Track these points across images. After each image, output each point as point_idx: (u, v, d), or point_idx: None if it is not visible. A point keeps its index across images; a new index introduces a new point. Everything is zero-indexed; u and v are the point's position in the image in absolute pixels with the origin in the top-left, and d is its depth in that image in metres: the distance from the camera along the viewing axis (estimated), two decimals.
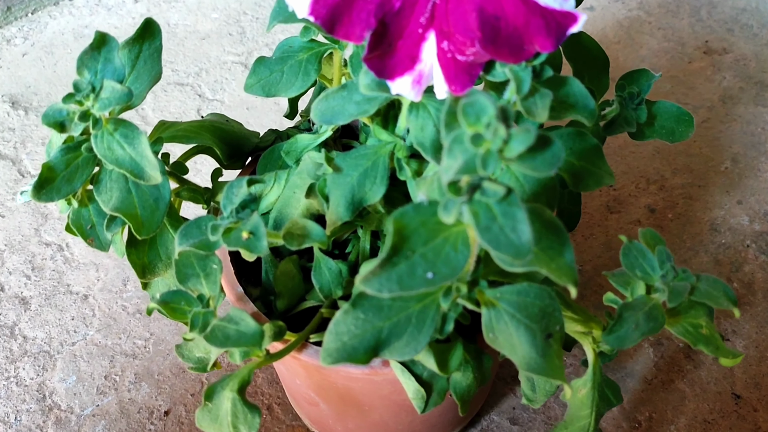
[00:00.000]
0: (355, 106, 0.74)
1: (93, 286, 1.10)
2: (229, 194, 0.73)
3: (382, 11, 0.65)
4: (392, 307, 0.66)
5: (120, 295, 1.09)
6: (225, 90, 1.30)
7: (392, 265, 0.59)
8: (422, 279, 0.60)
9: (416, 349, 0.66)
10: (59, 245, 1.14)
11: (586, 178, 0.74)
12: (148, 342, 1.04)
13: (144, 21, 0.78)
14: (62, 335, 1.05)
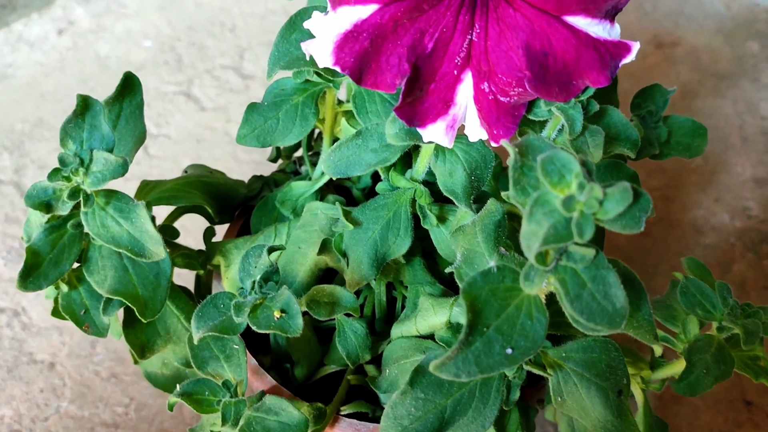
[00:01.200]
0: (372, 154, 0.68)
1: (59, 352, 1.00)
2: (246, 266, 0.66)
3: (414, 54, 0.59)
4: (453, 381, 0.61)
5: (90, 359, 1.00)
6: (170, 123, 1.21)
7: (468, 345, 0.54)
8: (501, 356, 0.55)
9: (484, 425, 0.61)
10: (14, 310, 1.03)
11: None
12: (128, 408, 0.96)
13: (123, 77, 0.70)
14: (32, 410, 0.95)
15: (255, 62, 1.29)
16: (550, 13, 0.57)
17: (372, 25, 0.58)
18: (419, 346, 0.69)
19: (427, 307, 0.69)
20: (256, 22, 1.34)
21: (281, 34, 0.66)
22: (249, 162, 1.17)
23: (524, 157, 0.56)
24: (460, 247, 0.65)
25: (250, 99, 1.22)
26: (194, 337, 0.63)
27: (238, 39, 1.32)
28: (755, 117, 1.24)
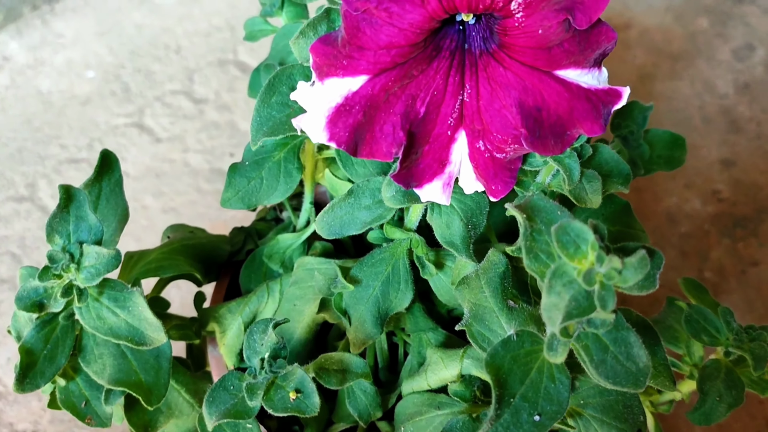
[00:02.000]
0: (366, 212, 0.66)
1: (40, 419, 0.97)
2: (251, 342, 0.64)
3: (407, 121, 0.57)
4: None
5: (74, 422, 0.97)
6: (126, 159, 1.17)
7: (497, 419, 0.53)
8: (530, 425, 0.54)
9: None
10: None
11: (624, 242, 0.70)
12: None
13: (100, 155, 0.67)
14: None
15: (205, 84, 1.25)
16: (541, 69, 0.56)
17: (364, 97, 0.56)
18: (433, 402, 0.68)
19: (437, 360, 0.68)
20: (201, 41, 1.30)
21: (261, 99, 0.64)
22: (212, 192, 1.14)
23: (532, 221, 0.56)
24: (466, 301, 0.64)
25: (205, 125, 1.19)
26: (208, 425, 0.61)
27: (185, 60, 1.28)
28: (714, 96, 1.25)
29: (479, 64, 0.57)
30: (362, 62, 0.55)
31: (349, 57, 0.55)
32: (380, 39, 0.54)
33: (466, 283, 0.64)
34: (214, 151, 1.19)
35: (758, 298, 1.08)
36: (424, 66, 0.56)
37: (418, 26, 0.53)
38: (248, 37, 0.83)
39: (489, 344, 0.62)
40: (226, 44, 1.29)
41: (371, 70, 0.55)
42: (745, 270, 1.10)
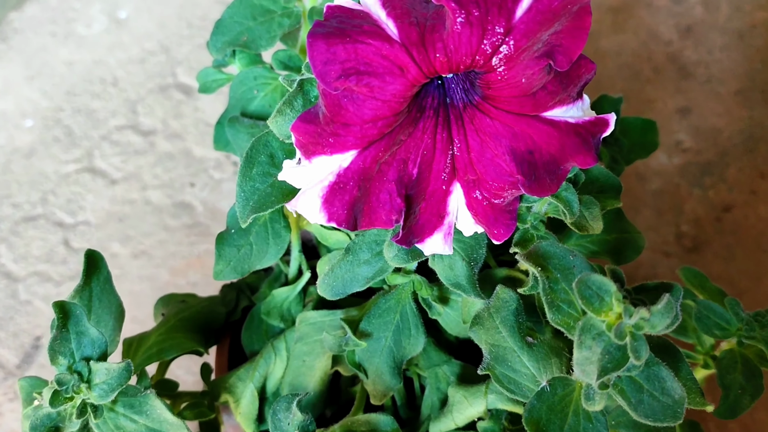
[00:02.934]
0: (366, 267, 0.65)
1: None
2: (277, 423, 0.63)
3: (403, 186, 0.56)
4: None
5: None
6: (84, 208, 1.14)
7: None
8: None
9: None
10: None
11: (624, 249, 0.70)
12: None
13: (85, 257, 0.65)
14: None
15: (150, 114, 1.21)
16: (528, 114, 0.55)
17: (356, 172, 0.55)
18: None
19: (460, 399, 0.68)
20: (137, 69, 1.25)
21: (242, 173, 0.62)
22: (180, 227, 1.12)
23: (547, 271, 0.55)
24: (483, 342, 0.64)
25: (159, 158, 1.16)
26: None
27: (125, 92, 1.23)
28: (659, 44, 1.25)
29: (465, 117, 0.56)
30: (349, 138, 0.54)
31: (335, 134, 0.54)
32: (364, 114, 0.52)
33: (480, 323, 0.63)
34: (173, 183, 1.16)
35: (737, 243, 1.10)
36: (410, 129, 0.55)
37: (400, 95, 0.52)
38: (203, 90, 0.80)
39: (514, 384, 0.62)
40: (163, 68, 1.25)
41: (359, 144, 0.54)
42: (719, 217, 1.12)
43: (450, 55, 0.50)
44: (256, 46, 0.73)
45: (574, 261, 0.55)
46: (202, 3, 1.31)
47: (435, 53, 0.50)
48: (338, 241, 0.71)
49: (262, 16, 0.73)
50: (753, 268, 1.10)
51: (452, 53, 0.50)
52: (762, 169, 1.18)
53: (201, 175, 1.17)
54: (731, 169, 1.16)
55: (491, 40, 0.50)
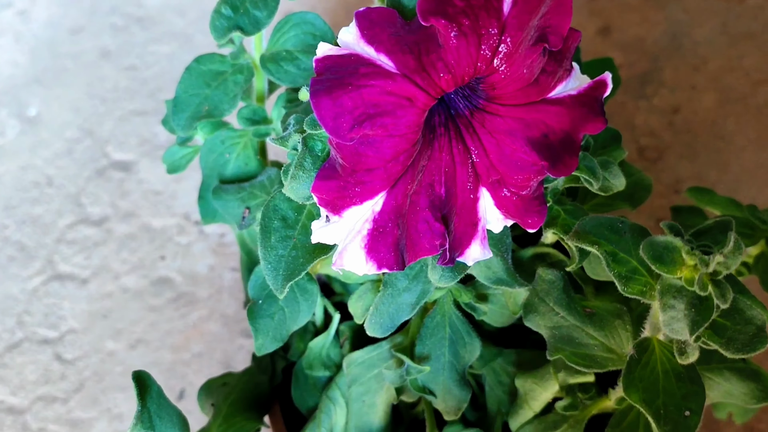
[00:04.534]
0: (408, 294, 0.65)
1: None
2: None
3: (436, 209, 0.56)
4: None
5: None
6: (64, 317, 1.10)
7: None
8: (688, 425, 0.56)
9: None
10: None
11: (634, 192, 0.71)
12: None
13: (133, 379, 0.62)
14: None
15: (97, 202, 1.17)
16: (534, 101, 0.55)
17: (390, 211, 0.54)
18: (549, 426, 0.68)
19: (532, 387, 0.68)
20: (67, 161, 1.21)
21: (263, 245, 0.61)
22: (165, 303, 1.09)
23: (602, 246, 0.56)
24: (543, 327, 0.64)
25: (120, 243, 1.13)
26: None
27: (63, 189, 1.19)
28: None
29: (474, 124, 0.56)
30: (376, 181, 0.53)
31: (361, 183, 0.53)
32: (385, 154, 0.52)
33: (534, 311, 0.64)
34: (144, 263, 1.13)
35: (694, 140, 1.13)
36: (428, 152, 0.55)
37: (415, 125, 0.51)
38: (172, 170, 0.78)
39: (588, 359, 0.62)
40: (93, 152, 1.21)
41: (387, 184, 0.53)
42: (671, 121, 1.15)
43: (453, 71, 0.50)
44: (219, 112, 0.71)
45: (623, 228, 0.55)
46: (108, 76, 1.27)
47: (438, 74, 0.50)
48: (363, 276, 0.70)
49: (215, 81, 0.71)
50: (716, 157, 1.14)
51: (455, 68, 0.50)
52: (693, 62, 1.21)
53: (168, 245, 1.14)
54: (666, 71, 1.19)
55: (488, 44, 0.50)
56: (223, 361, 1.05)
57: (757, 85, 1.20)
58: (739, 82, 1.20)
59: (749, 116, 1.17)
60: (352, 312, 0.71)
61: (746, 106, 1.18)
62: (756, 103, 1.19)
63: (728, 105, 1.19)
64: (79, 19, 1.33)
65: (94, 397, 1.05)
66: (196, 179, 1.18)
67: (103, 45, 1.30)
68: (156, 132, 1.22)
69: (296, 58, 0.72)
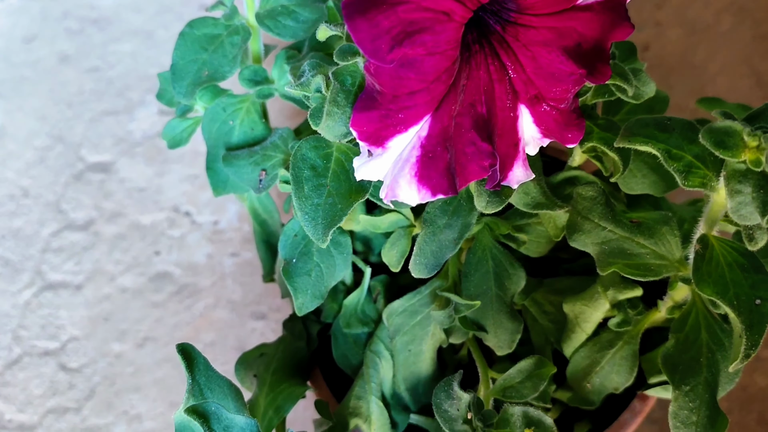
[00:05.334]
0: (450, 231, 0.64)
1: None
2: (446, 416, 0.60)
3: (479, 129, 0.54)
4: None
5: None
6: (63, 327, 1.06)
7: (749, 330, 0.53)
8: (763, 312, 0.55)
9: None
10: None
11: (653, 105, 0.70)
12: None
13: (179, 352, 0.60)
14: None
15: (79, 207, 1.13)
16: (566, 8, 0.54)
17: (438, 134, 0.52)
18: (603, 345, 0.67)
19: (581, 309, 0.67)
20: (41, 170, 1.17)
21: (297, 196, 0.60)
22: (167, 297, 1.06)
23: (656, 145, 0.55)
24: (590, 245, 0.63)
25: (111, 244, 1.10)
26: None
27: (41, 198, 1.15)
28: None
29: (508, 39, 0.55)
30: (420, 105, 0.51)
31: (404, 108, 0.51)
32: (427, 73, 0.50)
33: (579, 230, 0.63)
34: (138, 261, 1.10)
35: (670, 72, 1.14)
36: (466, 71, 0.53)
37: (454, 40, 0.50)
38: (173, 144, 0.75)
39: (642, 268, 0.61)
40: (66, 158, 1.17)
41: (431, 106, 0.52)
42: (642, 58, 1.16)
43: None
44: (221, 75, 0.69)
45: (671, 125, 0.55)
46: (70, 80, 1.23)
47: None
48: (392, 223, 0.69)
49: (211, 45, 0.69)
50: (692, 85, 1.15)
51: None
52: (654, 1, 1.22)
53: (161, 240, 1.11)
54: (630, 12, 1.19)
55: None
56: (237, 346, 1.02)
57: (719, 13, 1.22)
58: (702, 13, 1.21)
59: (717, 44, 1.19)
60: (387, 261, 0.69)
61: (712, 34, 1.19)
62: (721, 30, 1.20)
63: (695, 36, 1.20)
64: (30, 28, 1.29)
65: (108, 401, 1.02)
66: (180, 172, 1.16)
67: (61, 50, 1.26)
68: (130, 130, 1.19)
69: (293, 12, 0.70)
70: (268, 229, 0.80)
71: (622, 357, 0.66)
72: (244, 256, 1.09)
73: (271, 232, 0.80)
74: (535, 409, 0.58)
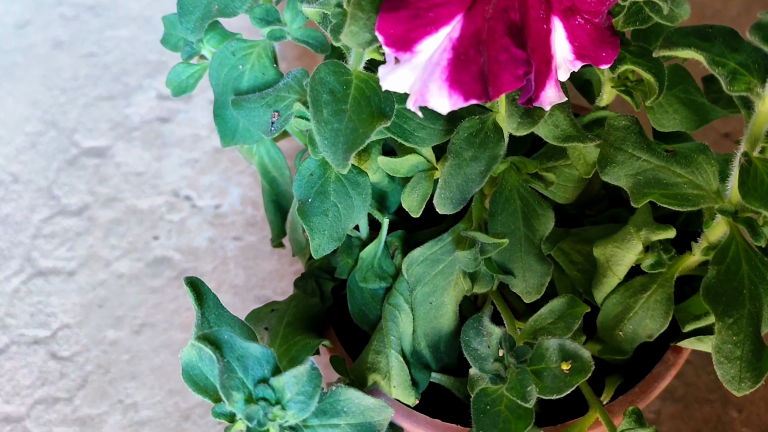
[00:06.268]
0: (476, 164, 0.60)
1: None
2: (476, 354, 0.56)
3: (512, 36, 0.51)
4: None
5: None
6: (54, 314, 1.01)
7: None
8: None
9: None
10: None
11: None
12: None
13: (188, 286, 0.56)
14: None
15: (72, 192, 1.09)
16: None
17: (470, 35, 0.49)
18: (636, 290, 0.64)
19: (613, 251, 0.64)
20: (31, 156, 1.13)
21: (316, 121, 0.57)
22: (165, 283, 1.02)
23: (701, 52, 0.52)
24: (623, 177, 0.60)
25: (106, 229, 1.06)
26: None
27: (32, 183, 1.11)
28: None
29: None
30: (452, 3, 0.48)
31: (434, 5, 0.48)
32: None
33: (612, 163, 0.60)
34: (136, 246, 1.05)
35: None
36: None
37: None
38: (179, 92, 0.72)
39: (679, 197, 0.58)
40: (59, 143, 1.13)
41: (464, 4, 0.48)
42: None
43: None
44: (231, 10, 0.65)
45: (712, 33, 0.52)
46: (65, 66, 1.20)
47: None
48: (412, 167, 0.65)
49: None
50: None
51: None
52: None
53: (159, 224, 1.07)
54: None
55: None
56: None
57: None
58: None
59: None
60: (407, 206, 0.65)
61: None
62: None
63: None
64: (23, 14, 1.26)
65: (102, 390, 0.96)
66: (180, 156, 1.12)
67: (54, 36, 1.23)
68: (127, 114, 1.15)
69: None
70: (277, 188, 0.76)
71: (656, 301, 0.62)
72: (248, 240, 1.05)
73: (281, 192, 0.77)
74: (572, 341, 0.54)
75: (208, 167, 1.10)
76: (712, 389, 0.90)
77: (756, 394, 0.89)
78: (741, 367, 0.55)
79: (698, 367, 0.91)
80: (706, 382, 0.90)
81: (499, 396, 0.55)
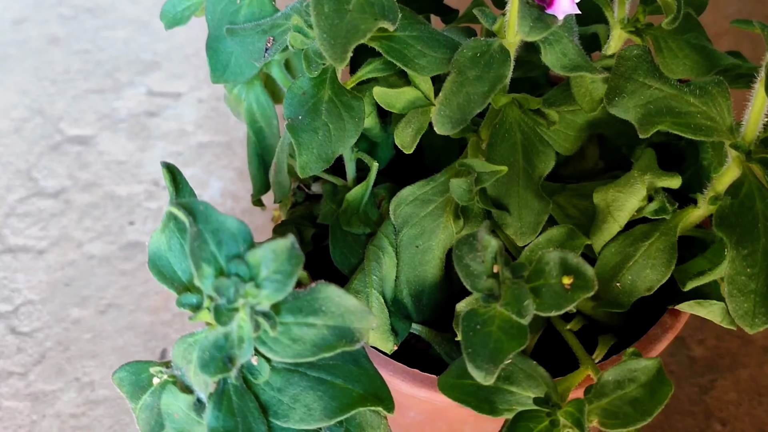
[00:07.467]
0: (479, 83, 0.59)
1: None
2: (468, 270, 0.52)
3: None
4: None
5: None
6: (18, 290, 0.96)
7: None
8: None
9: None
10: None
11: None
12: None
13: (165, 172, 0.52)
14: None
15: (52, 175, 1.06)
16: None
17: None
18: (636, 237, 0.61)
19: (614, 196, 0.61)
20: (14, 139, 1.10)
21: (317, 13, 0.54)
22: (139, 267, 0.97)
23: None
24: (632, 108, 0.57)
25: (81, 212, 1.03)
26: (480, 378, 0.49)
27: (11, 165, 1.07)
28: None
29: None
30: None
31: None
32: None
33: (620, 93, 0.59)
34: (110, 229, 1.01)
35: None
36: None
37: None
38: (172, 24, 0.70)
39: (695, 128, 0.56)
40: (44, 129, 1.10)
41: None
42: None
43: None
44: None
45: None
46: (58, 59, 1.18)
47: None
48: (410, 102, 0.63)
49: None
50: None
51: None
52: None
53: (136, 210, 1.03)
54: None
55: None
56: None
57: None
58: None
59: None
60: (399, 143, 0.63)
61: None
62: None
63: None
64: (22, 11, 1.25)
65: (59, 367, 0.91)
66: (164, 148, 1.09)
67: (51, 32, 1.22)
68: (116, 107, 1.13)
69: None
70: (264, 141, 0.73)
71: (658, 249, 0.59)
72: None
73: (267, 146, 0.74)
74: (574, 255, 0.50)
75: (191, 160, 1.08)
76: (694, 401, 0.85)
77: (741, 409, 0.85)
78: (756, 301, 0.52)
79: (681, 378, 0.87)
80: (688, 394, 0.86)
81: (491, 316, 0.51)
